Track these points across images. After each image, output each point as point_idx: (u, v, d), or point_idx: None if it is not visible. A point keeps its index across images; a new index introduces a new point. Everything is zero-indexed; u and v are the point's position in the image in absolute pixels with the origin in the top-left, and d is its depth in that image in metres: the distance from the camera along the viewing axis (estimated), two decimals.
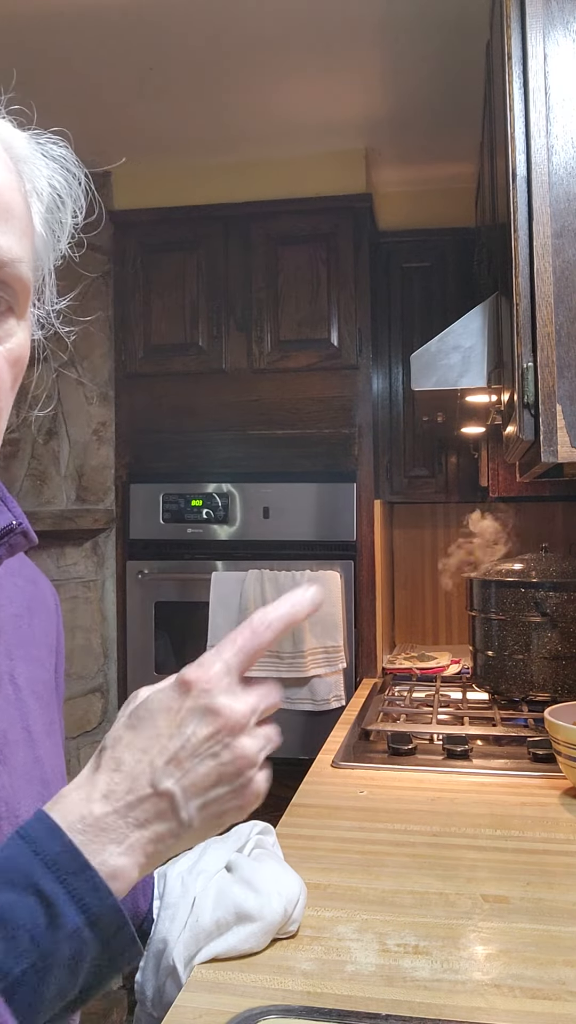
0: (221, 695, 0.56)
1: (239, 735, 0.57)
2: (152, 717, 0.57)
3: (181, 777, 0.55)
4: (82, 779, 0.56)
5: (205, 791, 0.56)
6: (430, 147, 2.65)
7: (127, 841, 0.53)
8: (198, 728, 0.56)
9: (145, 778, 0.55)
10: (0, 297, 0.60)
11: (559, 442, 1.16)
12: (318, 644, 2.51)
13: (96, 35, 2.03)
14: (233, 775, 0.56)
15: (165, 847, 0.56)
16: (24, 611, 0.79)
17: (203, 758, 0.55)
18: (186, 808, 0.55)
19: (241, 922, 0.87)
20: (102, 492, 2.79)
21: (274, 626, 0.59)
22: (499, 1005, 0.80)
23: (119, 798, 0.54)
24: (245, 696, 0.58)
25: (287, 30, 2.03)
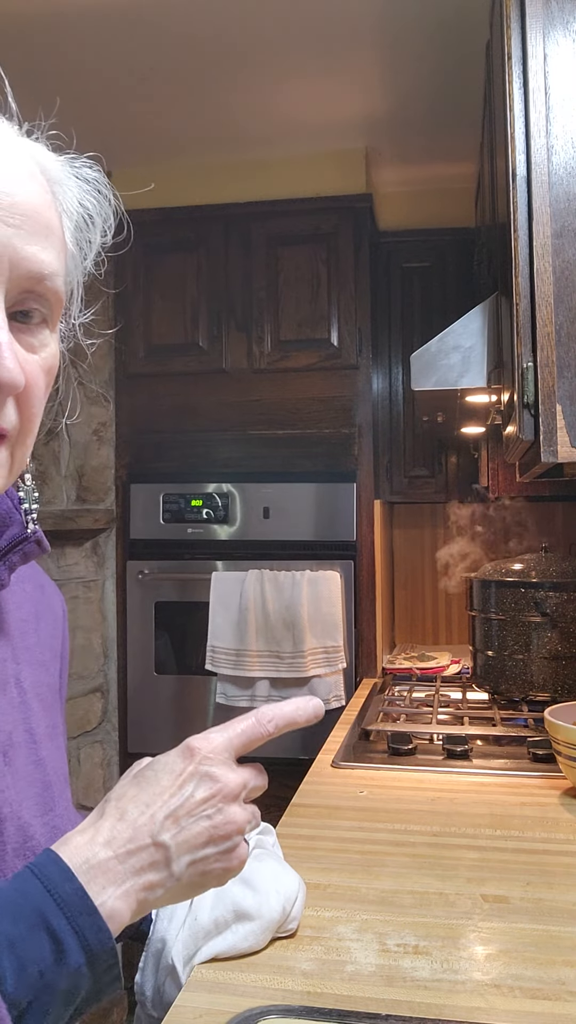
0: (220, 765, 0.63)
1: (231, 803, 0.63)
2: (157, 776, 0.62)
3: (177, 833, 0.60)
4: (87, 824, 0.61)
5: (196, 849, 0.61)
6: (430, 147, 2.65)
7: (124, 886, 0.58)
8: (197, 790, 0.61)
9: (146, 829, 0.59)
10: (36, 309, 0.63)
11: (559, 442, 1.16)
12: (318, 644, 2.51)
13: (96, 35, 2.03)
14: (222, 838, 0.62)
15: (154, 896, 0.60)
16: (32, 616, 0.80)
17: (198, 818, 0.61)
18: (178, 862, 0.60)
19: (240, 920, 0.87)
20: (102, 492, 2.79)
21: (276, 722, 0.65)
22: (499, 1005, 0.80)
23: (121, 845, 0.59)
24: (240, 771, 0.64)
25: (287, 30, 2.03)
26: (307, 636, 2.50)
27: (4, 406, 0.60)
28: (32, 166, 0.63)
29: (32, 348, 0.63)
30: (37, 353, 0.64)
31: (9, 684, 0.72)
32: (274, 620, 2.53)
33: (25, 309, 0.62)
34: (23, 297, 0.61)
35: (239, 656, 2.54)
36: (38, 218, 0.61)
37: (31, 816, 0.69)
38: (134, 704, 2.72)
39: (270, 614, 2.53)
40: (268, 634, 2.53)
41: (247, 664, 2.53)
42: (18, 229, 0.59)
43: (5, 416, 0.60)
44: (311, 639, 2.50)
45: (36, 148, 0.67)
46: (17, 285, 0.60)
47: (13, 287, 0.60)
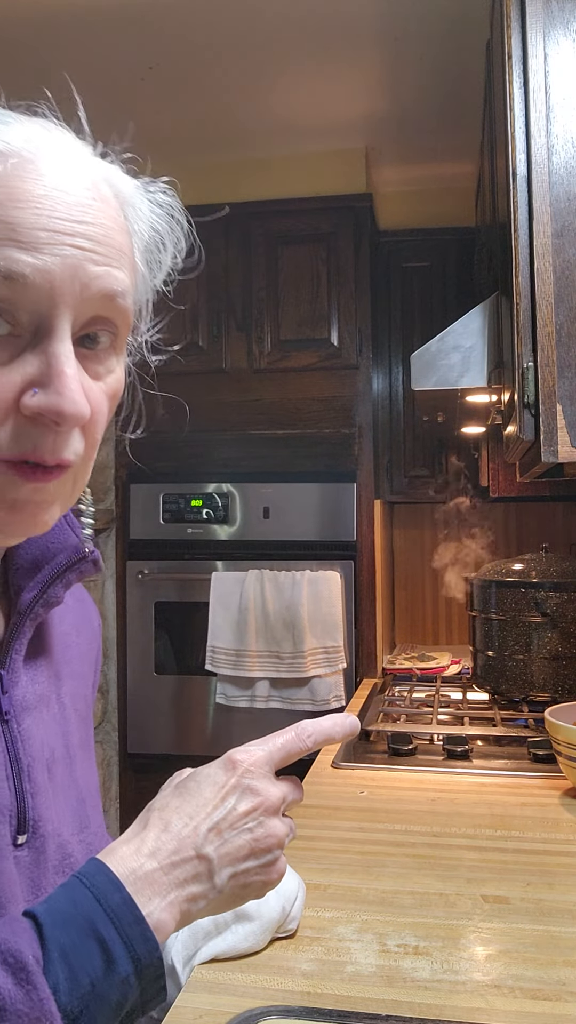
0: (261, 779, 0.64)
1: (272, 816, 0.64)
2: (200, 788, 0.63)
3: (220, 845, 0.61)
4: (131, 834, 0.61)
5: (238, 862, 0.62)
6: (430, 147, 2.65)
7: (168, 897, 0.58)
8: (239, 803, 0.62)
9: (190, 841, 0.60)
10: (106, 332, 0.62)
11: (559, 442, 1.16)
12: (318, 644, 2.51)
13: (95, 35, 2.03)
14: (263, 851, 0.63)
15: (196, 908, 0.61)
16: (73, 630, 0.81)
17: (240, 831, 0.62)
18: (220, 874, 0.61)
19: (240, 921, 0.87)
20: (102, 492, 2.79)
21: (315, 737, 0.67)
22: (499, 1006, 0.80)
23: (165, 856, 0.59)
24: (280, 784, 0.65)
25: (287, 30, 2.03)
26: (307, 636, 2.49)
27: (70, 437, 0.59)
28: (104, 188, 0.63)
29: (98, 375, 0.62)
30: (102, 380, 0.63)
31: (52, 699, 0.73)
32: (274, 620, 2.53)
33: (92, 333, 0.61)
34: (93, 322, 0.60)
35: (239, 656, 2.54)
36: (110, 242, 0.60)
37: (69, 834, 0.69)
38: (134, 704, 2.71)
39: (270, 614, 2.53)
40: (268, 634, 2.53)
41: (247, 664, 2.53)
42: (90, 252, 0.58)
43: (71, 447, 0.60)
44: (311, 639, 2.50)
45: (110, 169, 0.68)
46: (88, 308, 0.59)
47: (84, 311, 0.59)
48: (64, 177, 0.58)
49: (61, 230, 0.56)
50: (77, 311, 0.58)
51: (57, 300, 0.57)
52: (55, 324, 0.57)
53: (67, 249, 0.57)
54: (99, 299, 0.59)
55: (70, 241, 0.57)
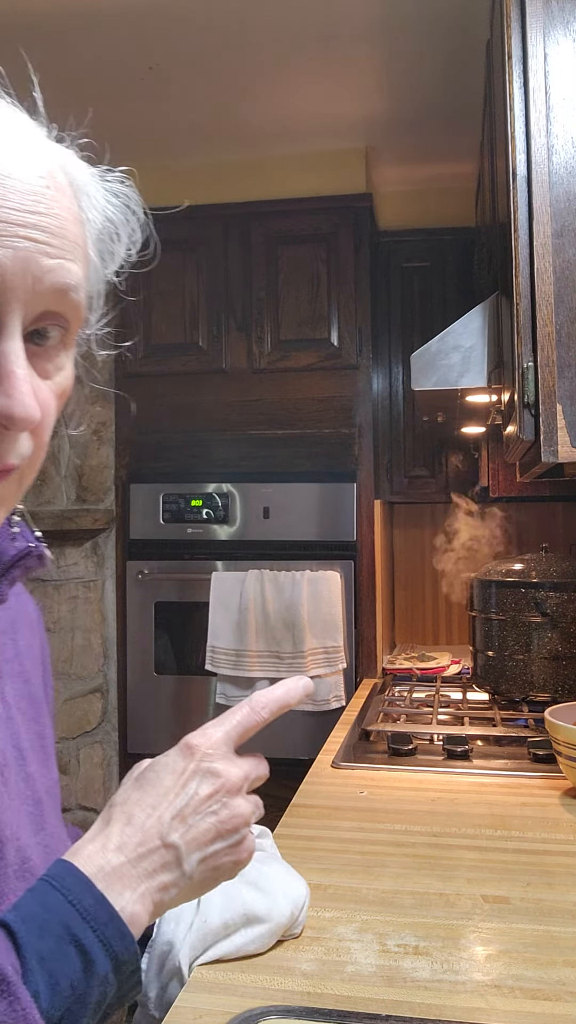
0: (220, 760, 0.63)
1: (235, 796, 0.63)
2: (159, 777, 0.62)
3: (185, 831, 0.61)
4: (95, 832, 0.61)
5: (205, 845, 0.61)
6: (430, 147, 2.65)
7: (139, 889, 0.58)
8: (200, 787, 0.62)
9: (155, 831, 0.60)
10: (56, 328, 0.59)
11: (559, 442, 1.16)
12: (318, 644, 2.51)
13: (96, 34, 2.03)
14: (230, 831, 0.62)
15: (168, 897, 0.61)
16: (8, 627, 0.79)
17: (204, 815, 0.61)
18: (188, 860, 0.60)
19: (249, 924, 0.87)
20: (102, 492, 2.79)
21: (270, 707, 0.66)
22: (499, 1006, 0.80)
23: (132, 849, 0.59)
24: (241, 763, 0.65)
25: (287, 30, 2.03)
26: (307, 636, 2.49)
27: (17, 440, 0.57)
28: (60, 175, 0.60)
29: (47, 373, 0.60)
30: (51, 378, 0.61)
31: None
32: (274, 620, 2.53)
33: (41, 328, 0.58)
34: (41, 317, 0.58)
35: (239, 656, 2.54)
36: (64, 233, 0.58)
37: (27, 836, 0.68)
38: (134, 704, 2.71)
39: (270, 614, 2.53)
40: (268, 634, 2.53)
41: (247, 664, 2.53)
42: (43, 244, 0.56)
43: (17, 451, 0.57)
44: (311, 639, 2.50)
45: (65, 155, 0.64)
46: (39, 303, 0.56)
47: (35, 306, 0.56)
48: (17, 163, 0.55)
49: (13, 221, 0.53)
50: (28, 306, 0.55)
51: (8, 295, 0.53)
52: (5, 321, 0.54)
53: (19, 241, 0.53)
54: (51, 293, 0.57)
55: (23, 232, 0.54)
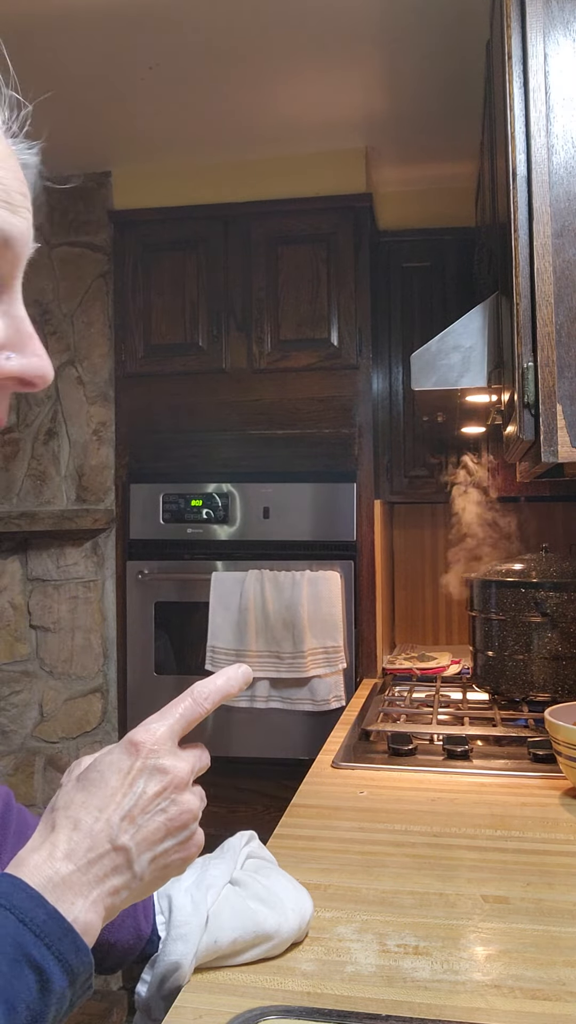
0: (167, 756, 0.62)
1: (183, 792, 0.62)
2: (103, 778, 0.60)
3: (135, 832, 0.59)
4: (39, 840, 0.58)
5: (155, 844, 0.60)
6: (430, 147, 2.65)
7: (91, 896, 0.56)
8: (148, 786, 0.60)
9: (103, 835, 0.58)
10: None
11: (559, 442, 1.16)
12: (318, 644, 2.51)
13: (96, 34, 2.03)
14: (179, 828, 0.61)
15: (120, 900, 0.59)
16: None
17: (153, 814, 0.60)
18: (139, 862, 0.59)
19: (259, 943, 0.86)
20: (102, 492, 2.79)
21: (212, 698, 0.65)
22: (499, 1006, 0.80)
23: (81, 856, 0.57)
24: (186, 756, 0.63)
25: (287, 30, 2.02)
26: (307, 636, 2.49)
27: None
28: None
29: None
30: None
31: None
32: (274, 620, 2.53)
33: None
34: None
35: (239, 656, 2.54)
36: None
37: None
38: (134, 704, 2.71)
39: (270, 614, 2.53)
40: (268, 634, 2.53)
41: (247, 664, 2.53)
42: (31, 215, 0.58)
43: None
44: (311, 639, 2.50)
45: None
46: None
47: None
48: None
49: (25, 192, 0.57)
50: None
51: (22, 262, 0.56)
52: (16, 286, 0.56)
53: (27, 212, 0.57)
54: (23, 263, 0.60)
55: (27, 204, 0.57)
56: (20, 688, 2.77)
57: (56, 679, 2.77)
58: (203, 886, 0.86)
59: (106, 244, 2.78)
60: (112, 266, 2.79)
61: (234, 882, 0.90)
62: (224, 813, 2.56)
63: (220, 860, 0.92)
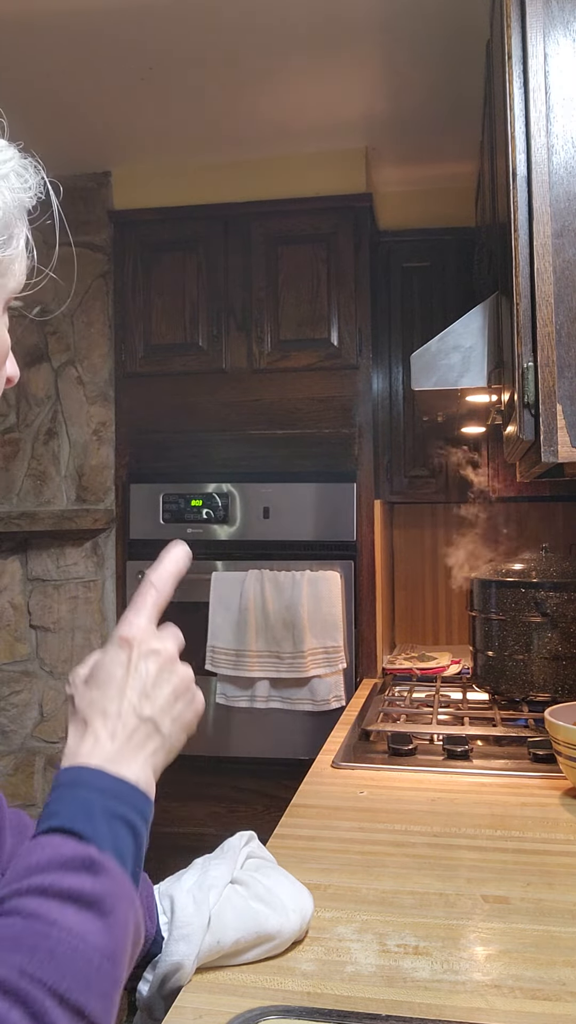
0: (155, 640, 0.71)
1: (177, 663, 0.72)
2: (110, 673, 0.69)
3: (153, 704, 0.69)
4: (77, 735, 0.67)
5: (171, 708, 0.70)
6: (430, 147, 2.65)
7: (138, 760, 0.66)
8: (149, 667, 0.69)
9: (131, 713, 0.67)
10: None
11: (559, 442, 1.16)
12: (318, 644, 2.51)
13: (96, 34, 2.03)
14: (184, 691, 0.71)
15: (159, 759, 0.69)
16: None
17: (161, 686, 0.69)
18: (163, 725, 0.69)
19: (261, 943, 0.86)
20: (102, 492, 2.79)
21: (166, 582, 0.75)
22: (499, 1006, 0.80)
23: (120, 734, 0.66)
24: (167, 636, 0.73)
25: (287, 30, 2.02)
26: (307, 636, 2.49)
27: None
28: None
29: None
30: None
31: None
32: (274, 620, 2.53)
33: None
34: None
35: (239, 656, 2.54)
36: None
37: None
38: None
39: (270, 614, 2.53)
40: (268, 634, 2.53)
41: (247, 664, 2.53)
42: None
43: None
44: (311, 639, 2.50)
45: None
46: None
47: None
48: None
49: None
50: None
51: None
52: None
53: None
54: None
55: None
56: (20, 688, 2.77)
57: (56, 679, 2.77)
58: (205, 887, 0.86)
59: (106, 244, 2.78)
60: (112, 266, 2.79)
61: (235, 882, 0.90)
62: (224, 813, 2.56)
63: (221, 860, 0.92)
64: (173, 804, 2.55)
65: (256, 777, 2.55)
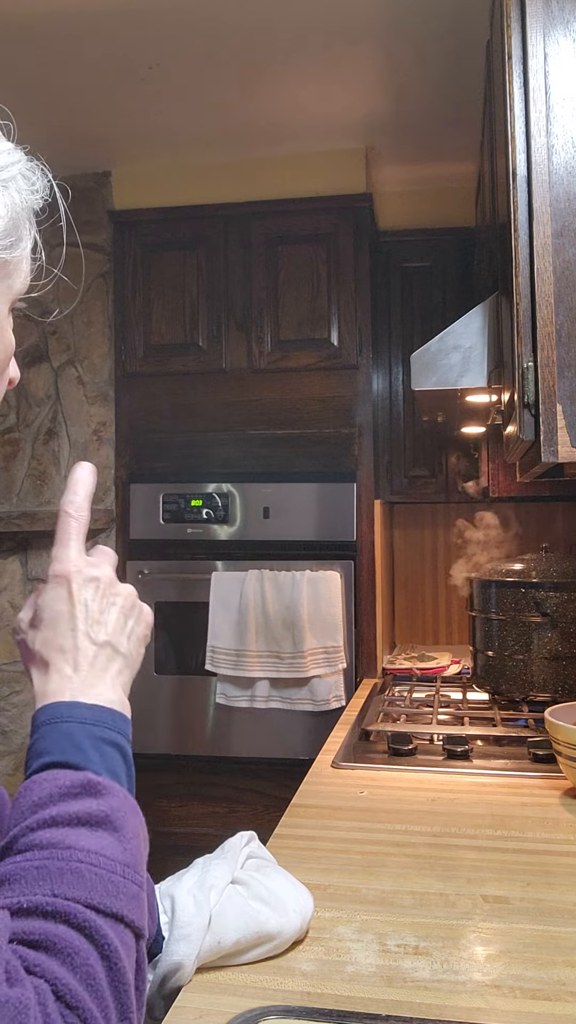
0: (90, 568, 0.71)
1: (116, 584, 0.72)
2: (55, 610, 0.69)
3: (105, 627, 0.70)
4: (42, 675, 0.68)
5: (123, 628, 0.71)
6: (430, 147, 2.65)
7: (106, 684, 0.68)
8: (89, 595, 0.70)
9: (86, 643, 0.68)
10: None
11: (559, 442, 1.16)
12: (318, 644, 2.51)
13: (96, 34, 2.03)
14: (131, 608, 0.72)
15: (125, 678, 0.71)
16: None
17: (107, 610, 0.70)
18: (121, 645, 0.70)
19: (262, 943, 0.86)
20: (102, 492, 2.79)
21: (82, 506, 0.73)
22: (499, 1006, 0.80)
23: (82, 663, 0.68)
24: (99, 561, 0.73)
25: (287, 30, 2.03)
26: (307, 636, 2.49)
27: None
28: None
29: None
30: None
31: None
32: (274, 620, 2.53)
33: None
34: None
35: (239, 656, 2.54)
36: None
37: None
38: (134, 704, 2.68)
39: (270, 614, 2.53)
40: (268, 634, 2.53)
41: (247, 664, 2.53)
42: None
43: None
44: (311, 639, 2.50)
45: None
46: None
47: None
48: None
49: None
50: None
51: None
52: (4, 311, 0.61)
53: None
54: None
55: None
56: (20, 688, 2.77)
57: None
58: (205, 887, 0.87)
59: (106, 244, 2.78)
60: (112, 266, 2.79)
61: (235, 882, 0.90)
62: (224, 813, 2.56)
63: (221, 860, 0.92)
64: (173, 804, 2.55)
65: (256, 777, 2.55)
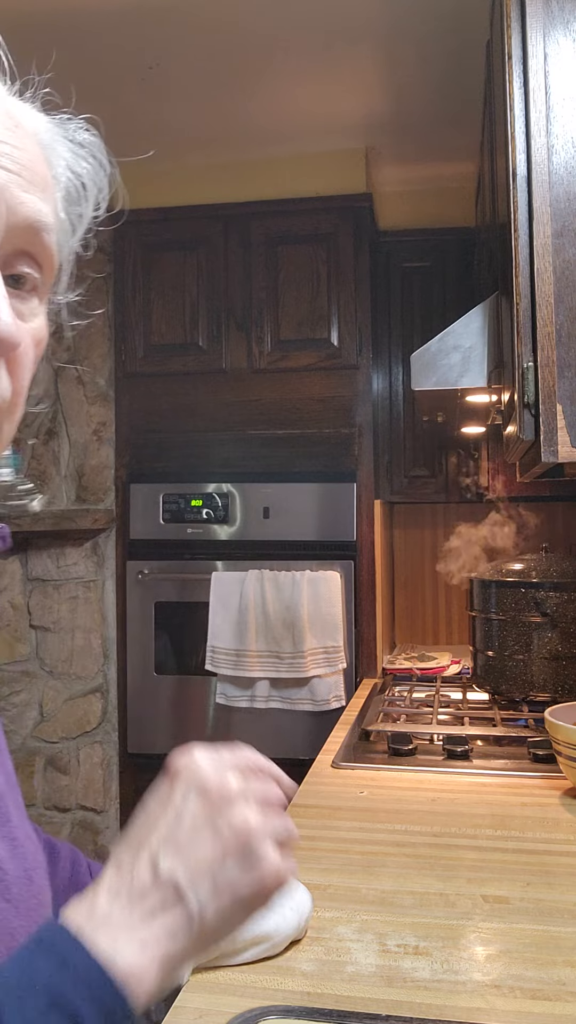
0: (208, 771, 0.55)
1: (237, 807, 0.53)
2: (145, 810, 0.54)
3: (182, 859, 0.50)
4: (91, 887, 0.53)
5: (211, 870, 0.50)
6: (430, 147, 2.65)
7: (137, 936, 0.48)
8: (188, 803, 0.53)
9: (145, 866, 0.50)
10: (29, 275, 0.58)
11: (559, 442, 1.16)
12: (318, 644, 2.51)
13: (96, 34, 2.03)
14: (238, 849, 0.51)
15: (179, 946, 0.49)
16: None
17: (201, 835, 0.51)
18: (194, 891, 0.49)
19: (258, 943, 0.86)
20: (102, 492, 2.79)
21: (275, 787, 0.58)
22: (499, 1006, 0.80)
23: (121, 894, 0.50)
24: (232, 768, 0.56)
25: (287, 30, 2.02)
26: (307, 636, 2.49)
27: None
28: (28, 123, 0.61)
29: (22, 315, 0.59)
30: (27, 322, 0.60)
31: None
32: (274, 620, 2.53)
33: (16, 274, 0.57)
34: (17, 258, 0.57)
35: (239, 656, 2.54)
36: (35, 169, 0.57)
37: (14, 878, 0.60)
38: (134, 704, 2.71)
39: (270, 614, 2.53)
40: (268, 634, 2.53)
41: (247, 664, 2.53)
42: (16, 176, 0.55)
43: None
44: (311, 639, 2.50)
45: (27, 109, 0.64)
46: (13, 239, 0.56)
47: (9, 239, 0.55)
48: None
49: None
50: (3, 237, 0.55)
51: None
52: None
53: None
54: (24, 229, 0.56)
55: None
56: (20, 688, 2.77)
57: (56, 679, 2.77)
58: None
59: (106, 244, 2.78)
60: (112, 266, 2.79)
61: None
62: None
63: None
64: None
65: None
